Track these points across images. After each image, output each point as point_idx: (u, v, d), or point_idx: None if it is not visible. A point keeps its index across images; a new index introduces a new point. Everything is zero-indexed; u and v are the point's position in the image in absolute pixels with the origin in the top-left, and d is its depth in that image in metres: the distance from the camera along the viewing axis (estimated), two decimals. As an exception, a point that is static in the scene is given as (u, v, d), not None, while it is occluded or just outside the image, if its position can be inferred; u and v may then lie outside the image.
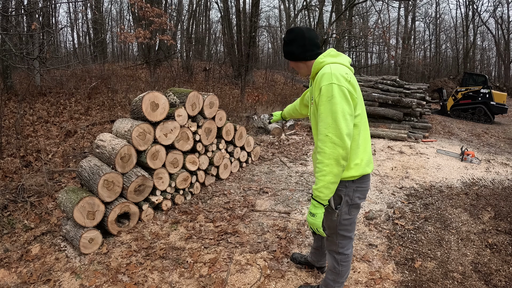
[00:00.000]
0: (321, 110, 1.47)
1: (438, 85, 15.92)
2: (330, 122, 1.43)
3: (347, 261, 1.83)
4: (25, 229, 2.98)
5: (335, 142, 1.41)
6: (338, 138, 1.41)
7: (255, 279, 2.28)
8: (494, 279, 2.33)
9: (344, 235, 1.74)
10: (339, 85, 1.44)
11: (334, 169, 1.44)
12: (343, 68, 1.52)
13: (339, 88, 1.44)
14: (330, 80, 1.45)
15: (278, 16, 26.95)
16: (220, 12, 15.95)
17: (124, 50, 21.49)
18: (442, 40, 26.46)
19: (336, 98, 1.43)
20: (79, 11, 17.20)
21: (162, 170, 3.30)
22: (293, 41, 1.64)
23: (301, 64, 1.69)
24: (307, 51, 1.62)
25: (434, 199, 3.65)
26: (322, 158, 1.45)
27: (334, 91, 1.43)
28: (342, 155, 1.43)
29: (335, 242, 1.78)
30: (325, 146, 1.44)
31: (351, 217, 1.69)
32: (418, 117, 7.84)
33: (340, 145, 1.41)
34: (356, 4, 13.94)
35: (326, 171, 1.44)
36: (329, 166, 1.43)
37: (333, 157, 1.42)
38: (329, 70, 1.48)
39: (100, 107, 7.39)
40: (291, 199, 3.61)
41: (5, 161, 4.32)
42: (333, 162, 1.43)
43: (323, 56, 1.59)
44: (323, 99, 1.46)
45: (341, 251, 1.79)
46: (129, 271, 2.37)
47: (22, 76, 9.43)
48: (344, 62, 1.57)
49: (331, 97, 1.43)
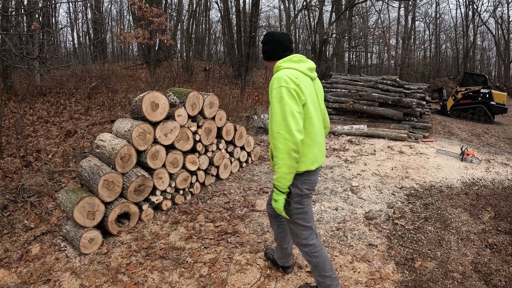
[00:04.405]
0: (273, 110, 1.66)
1: (438, 85, 15.91)
2: (281, 121, 1.61)
3: (317, 251, 1.93)
4: (25, 229, 2.98)
5: (286, 138, 1.60)
6: (288, 134, 1.59)
7: (255, 279, 2.28)
8: (494, 279, 2.33)
9: (302, 225, 1.90)
10: (287, 87, 1.63)
11: (288, 162, 1.63)
12: (295, 72, 1.71)
13: (287, 90, 1.62)
14: (280, 84, 1.64)
15: (278, 16, 26.94)
16: (220, 12, 15.95)
17: (124, 50, 21.49)
18: (442, 40, 26.47)
19: (285, 99, 1.61)
20: (79, 11, 17.21)
21: (162, 170, 3.30)
22: (266, 43, 1.88)
23: (272, 63, 1.88)
24: (275, 51, 1.84)
25: (434, 199, 3.65)
26: (277, 153, 1.64)
27: (283, 93, 1.62)
28: (293, 149, 1.61)
29: (297, 233, 1.92)
30: (278, 142, 1.62)
31: (304, 207, 1.87)
32: (418, 117, 7.84)
33: (290, 140, 1.59)
34: (356, 4, 13.93)
35: (281, 164, 1.64)
36: (283, 160, 1.62)
37: (285, 151, 1.61)
38: (280, 74, 1.68)
39: (100, 107, 7.39)
40: (291, 199, 3.61)
41: (5, 161, 4.32)
42: (286, 156, 1.61)
43: (283, 61, 1.79)
44: (274, 100, 1.65)
45: (305, 243, 1.92)
46: (129, 271, 2.37)
47: (22, 76, 9.43)
48: (300, 68, 1.75)
49: (281, 99, 1.62)
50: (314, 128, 1.76)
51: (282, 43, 1.83)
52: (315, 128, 1.77)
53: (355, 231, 2.96)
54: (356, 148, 5.75)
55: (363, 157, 5.21)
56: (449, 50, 26.77)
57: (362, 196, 3.72)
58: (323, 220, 3.14)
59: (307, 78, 1.77)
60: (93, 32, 16.73)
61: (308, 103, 1.71)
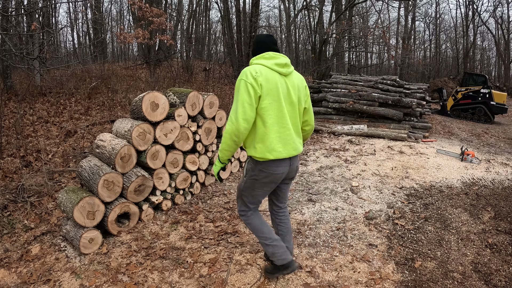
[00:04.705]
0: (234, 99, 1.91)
1: (438, 85, 15.91)
2: (234, 108, 1.86)
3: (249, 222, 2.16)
4: (25, 229, 2.98)
5: (233, 121, 1.84)
6: (235, 119, 1.83)
7: (255, 279, 2.28)
8: (494, 279, 2.33)
9: (244, 201, 2.13)
10: (246, 80, 1.84)
11: (228, 141, 1.89)
12: (259, 68, 1.88)
13: (245, 83, 1.83)
14: (241, 77, 1.87)
15: (278, 16, 26.95)
16: (220, 12, 15.94)
17: (124, 50, 21.47)
18: (442, 40, 26.46)
19: (241, 91, 1.84)
20: (79, 11, 17.19)
21: (162, 170, 3.30)
22: (253, 44, 2.10)
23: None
24: (257, 50, 2.03)
25: (434, 199, 3.65)
26: (224, 132, 1.91)
27: (241, 85, 1.85)
28: (234, 132, 1.85)
29: (238, 203, 2.19)
30: (227, 124, 1.88)
31: (253, 190, 2.05)
32: (418, 117, 7.84)
33: (234, 125, 1.83)
34: (356, 4, 13.92)
35: (223, 141, 1.92)
36: (225, 138, 1.90)
37: (228, 132, 1.87)
38: (245, 69, 1.89)
39: (100, 107, 7.39)
40: (291, 199, 3.61)
41: (5, 161, 4.32)
42: (228, 136, 1.88)
43: (256, 58, 1.98)
44: (235, 90, 1.90)
45: (239, 213, 2.19)
46: (129, 271, 2.37)
47: (22, 76, 9.42)
48: (267, 64, 1.91)
49: (238, 89, 1.86)
50: (272, 118, 1.90)
51: (264, 43, 2.00)
52: (274, 118, 1.90)
53: (355, 231, 2.96)
54: (356, 148, 5.75)
55: (363, 157, 5.21)
56: (449, 50, 26.78)
57: (362, 196, 3.72)
58: (323, 220, 3.14)
59: (274, 73, 1.91)
60: (93, 32, 16.71)
61: (267, 96, 1.86)
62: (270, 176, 1.97)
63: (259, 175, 1.97)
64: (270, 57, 1.94)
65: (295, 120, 2.00)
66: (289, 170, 2.03)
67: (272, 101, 1.88)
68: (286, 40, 23.39)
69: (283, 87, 1.92)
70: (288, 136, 1.94)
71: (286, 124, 1.94)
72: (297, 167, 2.10)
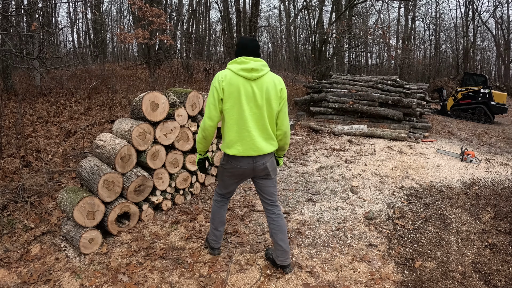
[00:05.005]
0: None
1: (438, 85, 15.91)
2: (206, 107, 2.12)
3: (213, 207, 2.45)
4: (25, 229, 2.98)
5: (204, 119, 2.12)
6: (204, 117, 2.13)
7: (255, 279, 2.28)
8: (494, 279, 2.33)
9: (218, 186, 2.43)
10: (213, 84, 2.07)
11: (199, 135, 2.19)
12: (226, 72, 2.07)
13: (212, 86, 2.07)
14: (213, 80, 2.09)
15: (278, 16, 26.93)
16: (220, 12, 15.95)
17: (124, 50, 21.46)
18: (442, 40, 26.46)
19: (209, 92, 2.10)
20: (79, 11, 17.17)
21: (162, 170, 3.30)
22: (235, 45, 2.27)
23: None
24: (236, 52, 2.19)
25: (434, 199, 3.65)
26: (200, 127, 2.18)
27: (211, 88, 2.09)
28: (202, 128, 2.14)
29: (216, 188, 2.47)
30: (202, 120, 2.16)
31: (223, 178, 2.31)
32: (418, 117, 7.84)
33: (203, 122, 2.12)
34: (356, 4, 13.92)
35: (197, 134, 2.23)
36: (199, 132, 2.19)
37: (200, 128, 2.16)
38: (217, 73, 2.11)
39: (100, 107, 7.39)
40: (291, 199, 3.61)
41: (5, 161, 4.32)
42: (200, 130, 2.17)
43: (230, 62, 2.12)
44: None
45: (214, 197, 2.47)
46: (129, 271, 2.37)
47: (22, 76, 9.42)
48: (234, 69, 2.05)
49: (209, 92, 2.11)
50: (232, 119, 2.08)
51: (243, 48, 2.13)
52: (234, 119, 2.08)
53: (355, 231, 2.96)
54: (356, 148, 5.76)
55: (363, 157, 5.21)
56: (449, 50, 26.78)
57: (362, 196, 3.72)
58: (323, 220, 3.14)
59: (239, 78, 2.04)
60: (93, 32, 16.71)
61: (229, 99, 2.04)
62: (233, 169, 2.19)
63: (226, 164, 2.22)
64: (240, 62, 2.07)
65: (262, 122, 2.09)
66: (253, 168, 2.14)
67: (233, 104, 2.05)
68: (286, 40, 23.39)
69: (248, 91, 2.04)
70: (247, 137, 2.07)
71: (245, 125, 2.07)
72: (266, 167, 2.16)
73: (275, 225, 2.28)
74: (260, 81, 2.06)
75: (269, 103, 2.07)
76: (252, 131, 2.07)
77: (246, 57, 2.07)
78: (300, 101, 9.72)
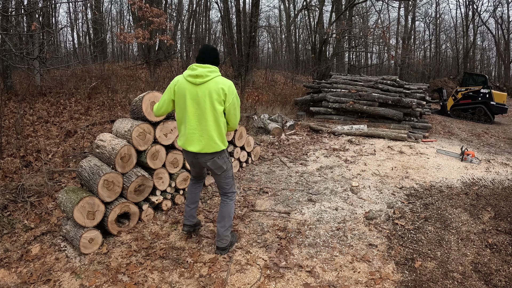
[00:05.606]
0: None
1: (438, 85, 15.91)
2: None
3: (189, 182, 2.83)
4: (25, 229, 2.98)
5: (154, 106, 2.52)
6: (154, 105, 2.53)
7: (255, 279, 2.28)
8: (494, 279, 2.33)
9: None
10: (169, 85, 2.40)
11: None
12: (178, 77, 2.39)
13: (168, 87, 2.40)
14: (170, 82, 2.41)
15: (278, 16, 26.92)
16: (220, 12, 15.94)
17: (124, 50, 21.45)
18: (442, 40, 26.44)
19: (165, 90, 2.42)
20: (79, 11, 17.17)
21: (162, 170, 3.29)
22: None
23: None
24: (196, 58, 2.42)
25: (434, 199, 3.65)
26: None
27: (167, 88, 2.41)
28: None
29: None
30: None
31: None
32: (418, 117, 7.84)
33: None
34: (356, 4, 13.92)
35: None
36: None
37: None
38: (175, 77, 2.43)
39: (100, 107, 7.39)
40: (291, 199, 3.61)
41: (5, 161, 4.32)
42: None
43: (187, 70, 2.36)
44: None
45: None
46: (129, 271, 2.37)
47: (22, 76, 9.42)
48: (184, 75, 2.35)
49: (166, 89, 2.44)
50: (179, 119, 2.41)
51: (198, 55, 2.39)
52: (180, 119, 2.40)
53: (355, 231, 2.96)
54: (356, 148, 5.76)
55: (363, 157, 5.21)
56: (449, 50, 26.77)
57: (362, 196, 3.72)
58: (323, 220, 3.14)
59: (186, 83, 2.31)
60: (93, 32, 16.70)
61: (178, 101, 2.35)
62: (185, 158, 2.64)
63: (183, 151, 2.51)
64: (190, 69, 2.33)
65: (206, 122, 2.31)
66: (198, 163, 2.46)
67: (180, 105, 2.36)
68: (286, 40, 23.40)
69: (193, 95, 2.29)
70: (189, 135, 2.35)
71: (188, 125, 2.33)
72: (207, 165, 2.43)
73: (220, 211, 2.58)
74: (204, 85, 2.29)
75: (213, 106, 2.29)
76: (194, 130, 2.33)
77: (196, 64, 2.32)
78: (300, 101, 9.72)
